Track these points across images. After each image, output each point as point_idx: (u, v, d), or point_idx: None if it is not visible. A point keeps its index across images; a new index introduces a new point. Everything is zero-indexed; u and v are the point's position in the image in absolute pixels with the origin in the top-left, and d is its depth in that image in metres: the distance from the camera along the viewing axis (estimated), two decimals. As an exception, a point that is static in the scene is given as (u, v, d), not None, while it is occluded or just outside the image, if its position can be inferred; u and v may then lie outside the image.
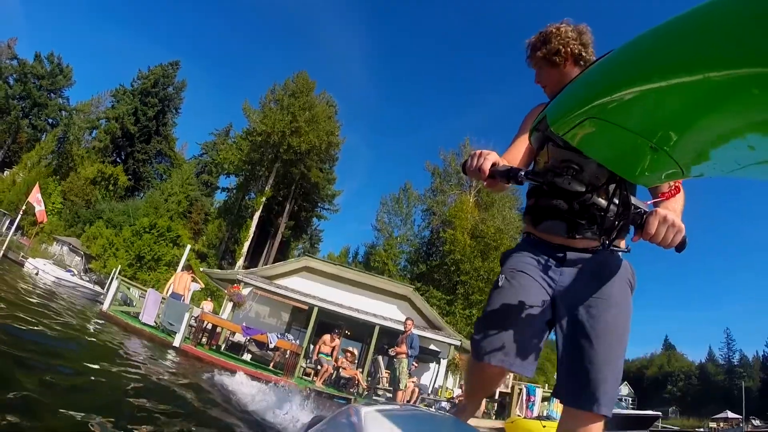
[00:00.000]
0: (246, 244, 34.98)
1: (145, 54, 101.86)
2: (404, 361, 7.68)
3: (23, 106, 41.62)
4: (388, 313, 14.59)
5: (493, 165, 1.10)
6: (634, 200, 1.01)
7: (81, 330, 5.57)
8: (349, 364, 10.49)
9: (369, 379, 11.54)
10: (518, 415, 9.59)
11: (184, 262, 12.70)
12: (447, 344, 14.60)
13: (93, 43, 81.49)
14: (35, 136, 41.76)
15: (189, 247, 14.56)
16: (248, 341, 11.53)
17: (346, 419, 1.07)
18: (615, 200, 1.05)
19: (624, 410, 13.05)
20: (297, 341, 10.81)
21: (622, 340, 1.15)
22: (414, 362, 8.67)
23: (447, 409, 8.27)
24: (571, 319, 1.18)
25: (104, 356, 4.21)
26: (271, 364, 10.55)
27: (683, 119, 0.66)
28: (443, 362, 14.50)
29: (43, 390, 2.20)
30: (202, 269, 18.08)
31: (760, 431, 28.33)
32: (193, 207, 40.76)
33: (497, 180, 1.10)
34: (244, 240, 35.07)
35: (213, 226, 38.26)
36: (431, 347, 14.43)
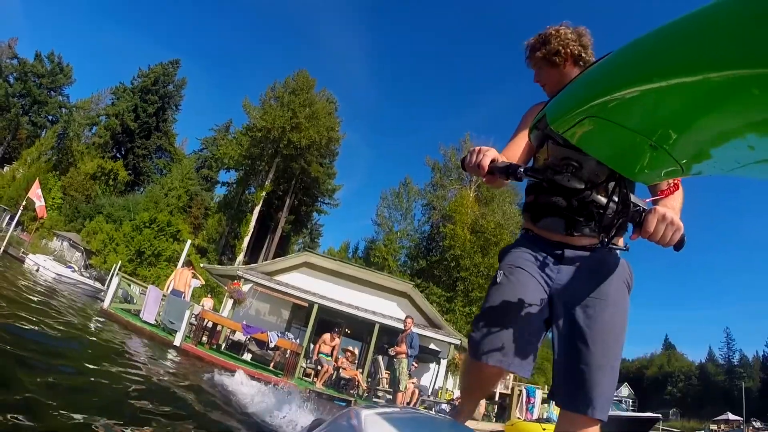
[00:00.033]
0: (246, 239, 34.94)
1: (145, 53, 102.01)
2: (404, 361, 7.56)
3: (23, 103, 41.57)
4: (388, 310, 14.57)
5: (492, 161, 1.10)
6: (633, 198, 1.01)
7: (82, 329, 5.56)
8: (350, 364, 10.44)
9: (369, 379, 11.45)
10: (518, 418, 9.63)
11: (184, 257, 12.66)
12: (447, 343, 14.55)
13: (93, 42, 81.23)
14: (35, 132, 41.70)
15: (189, 242, 14.53)
16: (249, 340, 11.46)
17: (346, 422, 1.07)
18: (614, 198, 1.05)
19: (624, 412, 13.06)
20: (297, 340, 10.74)
21: (619, 340, 1.15)
22: (414, 362, 8.58)
23: (447, 411, 8.23)
24: (568, 318, 1.18)
25: (105, 356, 4.21)
26: (272, 364, 10.49)
27: (683, 119, 0.67)
28: (443, 362, 14.46)
29: (45, 390, 2.20)
30: (202, 265, 18.00)
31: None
32: (193, 201, 40.69)
33: (496, 176, 1.09)
34: (244, 234, 35.04)
35: (213, 220, 38.20)
36: (431, 347, 14.38)
